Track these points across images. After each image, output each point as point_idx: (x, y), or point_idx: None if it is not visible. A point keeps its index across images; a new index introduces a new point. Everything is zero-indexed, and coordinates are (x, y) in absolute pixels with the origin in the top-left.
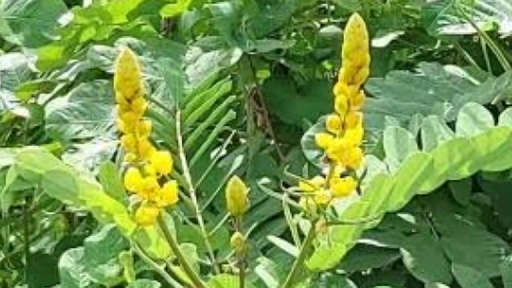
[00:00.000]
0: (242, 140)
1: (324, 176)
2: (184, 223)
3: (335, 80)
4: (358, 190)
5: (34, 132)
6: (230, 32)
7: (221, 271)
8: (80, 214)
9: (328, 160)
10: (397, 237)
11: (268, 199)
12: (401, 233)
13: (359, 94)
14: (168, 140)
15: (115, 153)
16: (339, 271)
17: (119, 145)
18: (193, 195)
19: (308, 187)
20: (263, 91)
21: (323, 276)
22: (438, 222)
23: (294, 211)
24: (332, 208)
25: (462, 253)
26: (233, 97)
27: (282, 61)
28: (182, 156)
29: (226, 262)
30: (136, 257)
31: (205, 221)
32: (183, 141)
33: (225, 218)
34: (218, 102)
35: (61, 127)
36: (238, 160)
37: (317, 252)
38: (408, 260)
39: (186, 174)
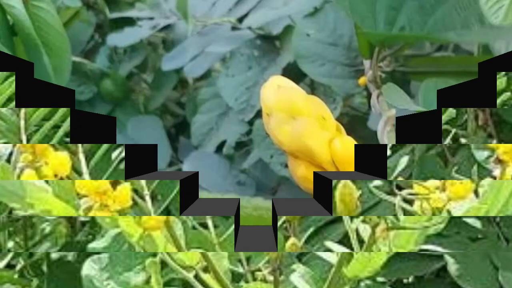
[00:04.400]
0: (462, 140)
1: (494, 178)
2: (194, 228)
3: None
4: (476, 193)
5: None
6: None
7: (254, 279)
8: (82, 219)
9: (499, 161)
10: (462, 243)
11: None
12: (466, 239)
13: None
14: (12, 139)
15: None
16: (379, 279)
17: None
18: (148, 198)
19: (423, 190)
20: None
21: (362, 284)
22: (506, 227)
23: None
24: (448, 211)
25: (509, 260)
26: None
27: None
28: (82, 157)
29: (259, 269)
30: (163, 264)
31: (215, 226)
32: (28, 140)
33: None
34: None
35: None
36: (404, 161)
37: (356, 259)
38: (452, 267)
39: (86, 176)
